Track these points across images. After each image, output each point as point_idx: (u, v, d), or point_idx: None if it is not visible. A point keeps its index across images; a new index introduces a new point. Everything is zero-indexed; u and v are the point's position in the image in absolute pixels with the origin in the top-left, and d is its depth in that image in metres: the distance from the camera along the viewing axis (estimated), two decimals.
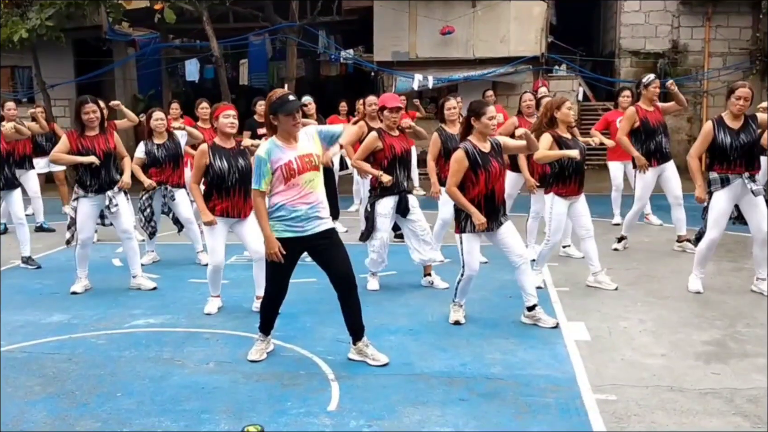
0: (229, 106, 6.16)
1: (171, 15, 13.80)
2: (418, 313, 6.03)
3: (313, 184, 4.76)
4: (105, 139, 6.62)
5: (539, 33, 15.91)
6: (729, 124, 6.17)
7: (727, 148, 6.12)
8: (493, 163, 5.44)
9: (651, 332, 5.46)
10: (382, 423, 4.04)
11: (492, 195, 5.46)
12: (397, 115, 6.49)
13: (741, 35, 15.94)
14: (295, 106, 4.68)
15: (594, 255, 6.60)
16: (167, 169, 7.59)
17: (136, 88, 18.20)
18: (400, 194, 6.53)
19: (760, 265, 6.33)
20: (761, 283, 6.34)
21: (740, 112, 6.12)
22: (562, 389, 4.44)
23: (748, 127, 6.17)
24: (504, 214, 5.59)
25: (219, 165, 5.90)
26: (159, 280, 7.20)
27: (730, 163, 6.15)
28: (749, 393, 4.34)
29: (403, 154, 6.55)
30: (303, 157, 4.71)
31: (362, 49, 17.33)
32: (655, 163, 7.85)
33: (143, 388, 4.56)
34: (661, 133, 7.83)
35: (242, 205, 5.97)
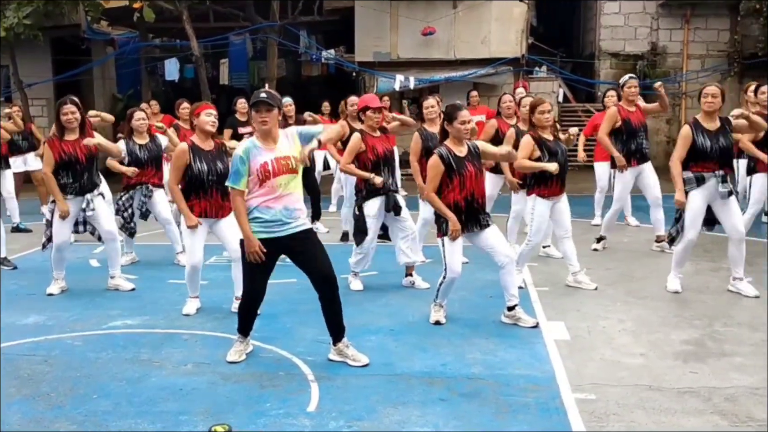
0: (209, 105, 6.10)
1: (150, 14, 13.70)
2: (399, 313, 6.02)
3: (290, 187, 4.71)
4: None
5: (520, 34, 15.98)
6: (705, 126, 6.21)
7: (707, 150, 6.15)
8: (468, 167, 5.43)
9: (630, 332, 5.48)
10: (362, 423, 4.02)
11: (470, 198, 5.46)
12: (379, 115, 6.49)
13: (719, 37, 16.12)
14: (256, 98, 4.65)
15: (573, 255, 6.62)
16: (148, 170, 7.48)
17: (115, 88, 18.05)
18: (387, 194, 6.52)
19: (736, 265, 6.38)
20: (738, 283, 6.39)
21: (710, 108, 6.17)
22: (541, 389, 4.45)
23: (725, 130, 6.22)
24: (485, 216, 5.58)
25: (198, 166, 5.83)
26: (137, 281, 7.13)
27: (707, 163, 6.18)
28: (727, 392, 4.37)
29: (387, 155, 6.53)
30: (280, 159, 4.66)
31: (343, 50, 17.32)
32: (634, 163, 7.91)
33: (120, 390, 4.50)
34: (642, 133, 7.90)
35: (221, 204, 5.92)
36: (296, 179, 4.77)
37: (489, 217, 5.60)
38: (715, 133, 6.18)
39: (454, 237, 5.43)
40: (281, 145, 4.73)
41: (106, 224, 6.66)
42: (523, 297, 6.22)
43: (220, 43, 16.89)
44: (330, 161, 10.93)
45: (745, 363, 4.83)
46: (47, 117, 16.23)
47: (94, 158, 6.55)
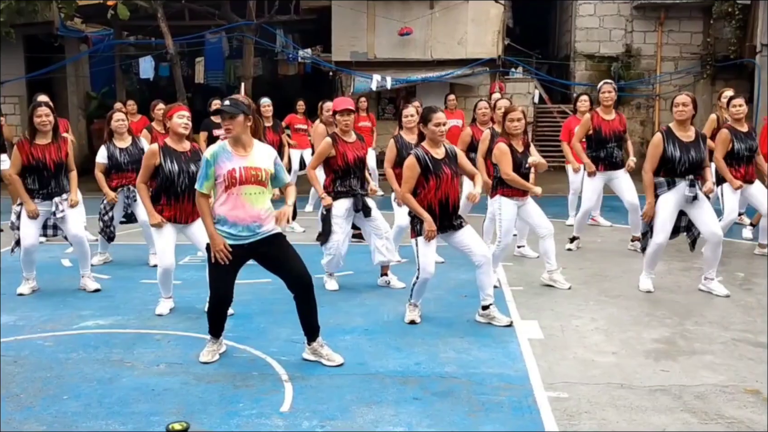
0: (183, 107, 6.01)
1: (124, 11, 13.57)
2: (373, 312, 6.02)
3: (255, 199, 4.61)
4: (57, 147, 6.42)
5: (496, 35, 16.05)
6: (678, 135, 6.24)
7: (676, 162, 6.19)
8: (444, 169, 5.45)
9: (602, 330, 5.53)
10: (335, 423, 4.01)
11: (445, 201, 5.47)
12: (348, 118, 6.43)
13: (692, 40, 16.31)
14: (218, 107, 4.67)
15: (551, 253, 6.66)
16: (129, 173, 7.30)
17: (88, 86, 17.86)
18: (356, 197, 6.51)
19: (710, 266, 6.45)
20: (709, 282, 6.47)
21: (681, 116, 6.20)
22: (514, 387, 4.47)
23: (699, 144, 6.22)
24: (458, 218, 5.58)
25: (169, 167, 5.76)
26: (110, 281, 7.06)
27: (677, 174, 6.24)
28: (697, 390, 4.42)
29: (356, 162, 6.47)
30: (249, 169, 4.58)
31: (320, 49, 17.30)
32: (602, 169, 7.98)
33: (91, 391, 4.45)
34: (613, 143, 7.93)
35: (190, 210, 5.82)
36: (264, 193, 4.66)
37: (462, 219, 5.62)
38: (688, 144, 6.20)
39: (429, 238, 5.45)
40: (255, 154, 4.64)
41: (73, 228, 6.56)
42: (498, 296, 6.25)
43: (196, 41, 16.78)
44: (306, 161, 10.91)
45: (715, 361, 4.89)
46: (19, 115, 16.02)
47: (62, 165, 6.45)
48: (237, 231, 4.63)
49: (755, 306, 6.13)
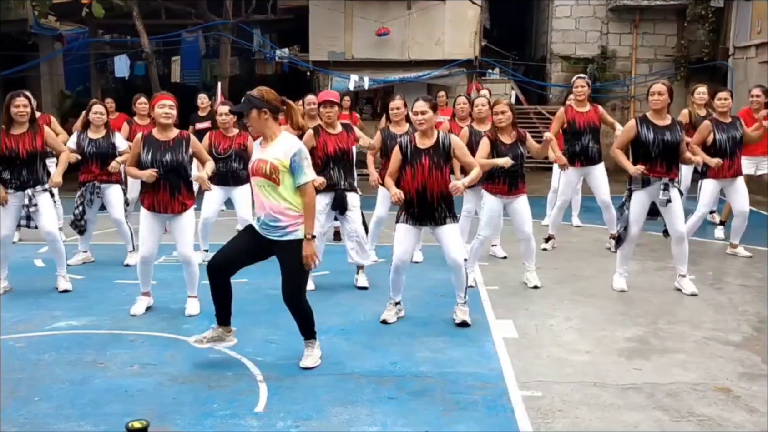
0: (166, 95, 5.90)
1: (99, 9, 13.43)
2: (350, 312, 6.01)
3: (269, 195, 4.56)
4: (32, 137, 6.34)
5: (473, 36, 16.11)
6: (654, 121, 6.30)
7: (650, 144, 6.24)
8: (423, 159, 5.43)
9: (577, 330, 5.58)
10: (310, 423, 4.01)
11: (422, 191, 5.46)
12: (331, 110, 6.41)
13: (667, 42, 16.48)
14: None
15: (527, 256, 6.72)
16: (92, 166, 7.28)
17: (63, 84, 17.63)
18: (336, 191, 6.50)
19: (679, 262, 6.55)
20: (681, 280, 6.55)
21: (656, 105, 6.26)
22: (489, 386, 4.49)
23: (674, 128, 6.28)
24: (442, 213, 5.50)
25: (144, 157, 5.73)
26: (84, 281, 6.99)
27: (652, 162, 6.27)
28: (669, 387, 4.48)
29: (338, 154, 6.46)
30: (260, 161, 4.56)
31: (298, 49, 17.22)
32: (578, 164, 8.02)
33: (63, 392, 4.41)
34: (588, 135, 7.95)
35: (168, 200, 5.77)
36: (271, 187, 4.54)
37: (448, 216, 5.52)
38: (663, 128, 6.26)
39: (393, 201, 5.51)
40: (271, 148, 4.58)
41: (47, 225, 6.47)
42: (474, 295, 6.29)
43: (173, 40, 16.65)
44: None
45: (687, 360, 4.96)
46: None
47: (36, 154, 6.37)
48: (258, 220, 4.67)
49: (726, 305, 6.22)
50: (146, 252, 5.86)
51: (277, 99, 4.64)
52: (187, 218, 5.87)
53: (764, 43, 13.03)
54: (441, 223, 5.53)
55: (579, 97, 8.00)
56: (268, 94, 4.60)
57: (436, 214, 5.51)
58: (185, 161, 5.79)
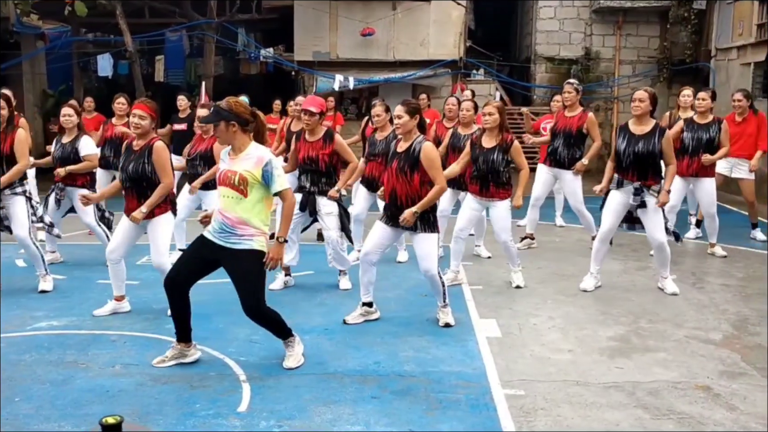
0: (140, 105, 5.76)
1: (82, 8, 13.33)
2: (333, 312, 6.01)
3: (229, 203, 4.52)
4: (2, 139, 6.30)
5: (458, 37, 16.15)
6: (632, 129, 6.35)
7: (621, 153, 6.32)
8: (393, 163, 5.48)
9: (559, 329, 5.61)
10: (293, 423, 4.00)
11: (391, 193, 5.49)
12: (310, 118, 6.34)
13: (649, 44, 16.60)
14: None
15: (509, 257, 6.76)
16: (58, 168, 7.22)
17: (45, 83, 17.47)
18: (304, 193, 6.42)
19: (661, 267, 6.60)
20: (663, 281, 6.61)
21: (636, 111, 6.29)
22: (472, 385, 4.51)
23: (651, 138, 6.23)
24: (422, 221, 5.43)
25: (118, 163, 5.77)
26: (65, 281, 6.94)
27: (625, 169, 6.34)
28: (650, 386, 4.51)
29: (306, 162, 6.38)
30: (228, 172, 4.53)
31: (282, 48, 17.19)
32: (548, 164, 8.11)
33: (43, 393, 4.37)
34: (560, 139, 8.02)
35: (135, 207, 5.69)
36: (237, 199, 4.49)
37: (420, 224, 5.43)
38: (639, 137, 6.28)
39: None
40: (241, 158, 4.53)
41: (17, 228, 6.42)
42: (457, 295, 6.32)
43: (156, 39, 16.56)
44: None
45: (668, 358, 5.00)
46: None
47: (2, 158, 6.29)
48: (213, 226, 4.62)
49: (707, 304, 6.27)
50: (110, 248, 5.83)
51: (246, 111, 4.57)
52: (157, 225, 5.71)
53: (746, 44, 13.15)
54: (413, 230, 5.49)
55: (566, 102, 8.07)
56: (237, 106, 4.54)
57: (400, 218, 5.46)
58: (147, 171, 5.59)
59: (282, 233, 4.62)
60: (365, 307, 5.78)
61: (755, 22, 12.62)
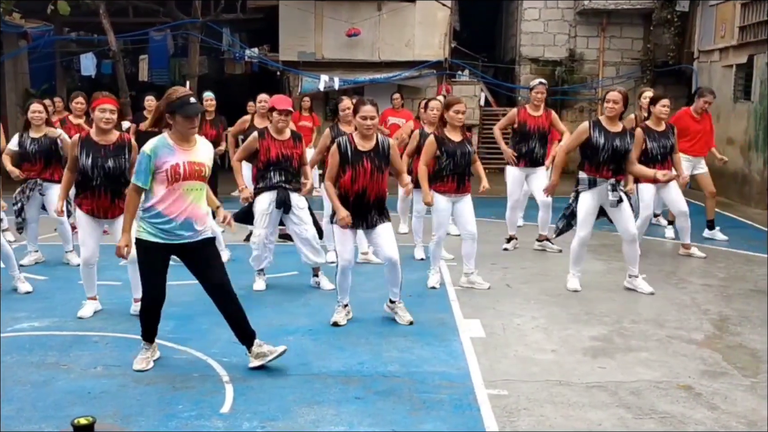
0: (107, 98, 5.68)
1: (65, 7, 13.24)
2: (317, 313, 5.99)
3: (195, 196, 4.50)
4: None
5: (443, 38, 16.17)
6: (606, 127, 6.38)
7: (599, 148, 6.32)
8: (365, 162, 5.43)
9: (543, 329, 5.63)
10: (276, 424, 3.99)
11: (361, 193, 5.46)
12: (285, 118, 6.37)
13: (633, 46, 16.70)
14: (196, 112, 4.42)
15: (470, 257, 6.68)
16: (37, 164, 7.25)
17: (28, 82, 17.34)
18: (278, 189, 6.40)
19: (631, 263, 6.64)
20: (634, 280, 6.65)
21: (611, 113, 6.33)
22: (456, 385, 4.51)
23: (625, 136, 6.36)
24: (380, 215, 5.55)
25: (83, 161, 5.61)
26: (46, 282, 6.89)
27: (599, 166, 6.37)
28: (632, 386, 4.54)
29: (280, 159, 6.38)
30: (193, 164, 4.46)
31: (267, 48, 17.12)
32: (522, 164, 8.14)
33: (24, 394, 4.33)
34: (536, 139, 8.06)
35: (108, 205, 5.68)
36: (203, 190, 4.58)
37: (381, 218, 5.54)
38: (615, 134, 6.33)
39: (342, 225, 5.49)
40: (198, 149, 4.54)
41: None
42: (441, 295, 6.33)
43: (140, 38, 16.47)
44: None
45: (650, 358, 5.03)
46: None
47: None
48: (170, 228, 4.48)
49: (689, 304, 6.32)
50: (87, 254, 5.76)
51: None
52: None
53: (728, 47, 13.26)
54: (372, 225, 5.55)
55: (536, 102, 8.07)
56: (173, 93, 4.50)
57: (369, 217, 5.54)
58: (126, 168, 5.62)
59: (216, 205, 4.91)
60: (347, 307, 5.79)
61: (737, 24, 12.72)
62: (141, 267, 4.64)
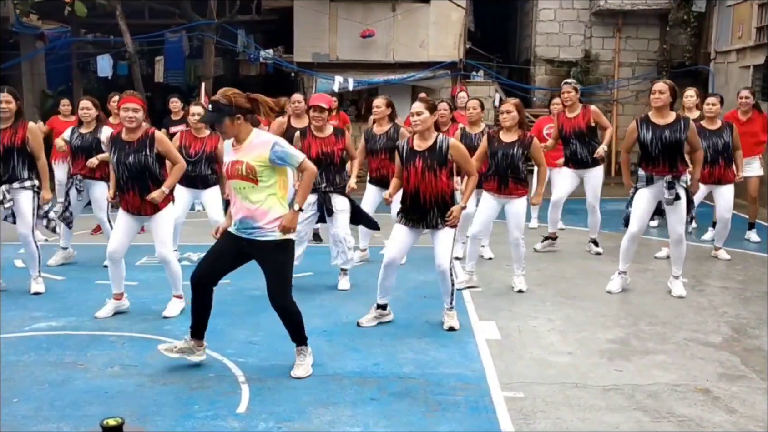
0: (130, 97, 5.71)
1: (82, 8, 13.34)
2: (332, 313, 6.00)
3: (243, 194, 4.48)
4: (13, 132, 6.27)
5: (457, 39, 16.14)
6: (654, 120, 6.31)
7: (649, 143, 6.27)
8: (417, 162, 5.39)
9: (559, 331, 5.60)
10: (292, 424, 4.00)
11: (414, 194, 5.43)
12: (321, 114, 6.42)
13: (649, 46, 16.60)
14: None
15: (516, 259, 6.72)
16: (79, 160, 7.30)
17: (45, 83, 17.47)
18: (319, 193, 6.46)
19: (674, 263, 6.59)
20: (673, 281, 6.60)
21: (656, 103, 6.25)
22: (471, 387, 4.50)
23: (676, 126, 6.22)
24: (437, 219, 5.44)
25: (112, 159, 5.72)
26: (64, 282, 6.94)
27: (653, 161, 6.29)
28: (649, 389, 4.51)
29: (320, 157, 6.41)
30: (235, 163, 4.46)
31: (282, 50, 17.15)
32: (571, 166, 8.10)
33: (42, 394, 4.36)
34: (574, 141, 8.02)
35: (139, 203, 5.71)
36: (250, 189, 4.45)
37: (441, 221, 5.43)
38: (663, 126, 6.26)
39: (386, 201, 5.75)
40: (245, 148, 4.49)
41: (20, 227, 6.41)
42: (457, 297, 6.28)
43: (156, 40, 16.55)
44: None
45: (667, 361, 4.99)
46: None
47: (13, 150, 6.26)
48: (236, 221, 4.56)
49: (706, 307, 6.27)
50: (111, 248, 5.78)
51: (245, 98, 4.52)
52: (161, 218, 5.77)
53: (745, 47, 13.16)
54: (434, 226, 5.49)
55: (566, 102, 8.05)
56: (236, 97, 4.47)
57: (428, 217, 5.47)
58: (150, 162, 5.63)
59: (300, 201, 4.62)
60: (380, 309, 5.75)
61: (754, 25, 12.62)
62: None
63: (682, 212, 6.37)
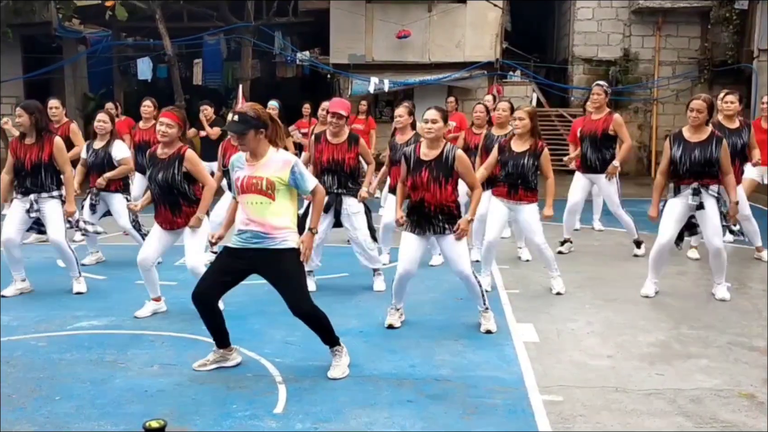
0: (167, 113, 5.76)
1: (122, 12, 13.57)
2: (368, 314, 6.00)
3: (258, 209, 4.47)
4: (39, 148, 6.33)
5: (494, 39, 16.06)
6: (687, 137, 6.20)
7: (677, 161, 6.19)
8: (423, 171, 5.32)
9: (598, 334, 5.52)
10: (329, 425, 4.00)
11: (419, 203, 5.38)
12: (339, 121, 6.36)
13: (690, 45, 16.33)
14: (229, 130, 4.64)
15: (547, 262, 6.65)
16: (93, 175, 7.35)
17: (86, 87, 17.83)
18: (331, 195, 6.39)
19: (715, 273, 6.46)
20: (716, 287, 6.47)
21: (694, 122, 6.14)
22: (509, 390, 4.46)
23: (708, 145, 6.10)
24: (444, 225, 5.39)
25: (147, 173, 5.90)
26: (105, 281, 7.05)
27: (680, 176, 6.21)
28: (692, 393, 4.41)
29: (330, 165, 6.39)
30: (252, 178, 4.46)
31: (318, 51, 17.24)
32: (581, 170, 8.02)
33: (83, 392, 4.43)
34: (586, 143, 7.95)
35: (171, 218, 5.76)
36: (267, 204, 4.44)
37: (448, 227, 5.39)
38: (694, 144, 6.15)
39: (397, 225, 5.66)
40: (265, 163, 4.48)
41: (51, 233, 6.50)
42: (493, 299, 6.25)
43: (194, 43, 16.76)
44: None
45: (710, 365, 4.89)
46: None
47: (41, 165, 6.33)
48: (240, 231, 4.55)
49: (751, 310, 6.13)
50: (140, 257, 5.86)
51: (267, 115, 4.54)
52: (195, 231, 5.78)
53: None
54: (441, 232, 5.43)
55: (594, 104, 7.96)
56: (263, 112, 4.51)
57: (433, 224, 5.42)
58: (177, 180, 5.65)
59: (314, 223, 4.64)
60: (399, 310, 5.75)
61: None
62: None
63: (715, 223, 6.21)
